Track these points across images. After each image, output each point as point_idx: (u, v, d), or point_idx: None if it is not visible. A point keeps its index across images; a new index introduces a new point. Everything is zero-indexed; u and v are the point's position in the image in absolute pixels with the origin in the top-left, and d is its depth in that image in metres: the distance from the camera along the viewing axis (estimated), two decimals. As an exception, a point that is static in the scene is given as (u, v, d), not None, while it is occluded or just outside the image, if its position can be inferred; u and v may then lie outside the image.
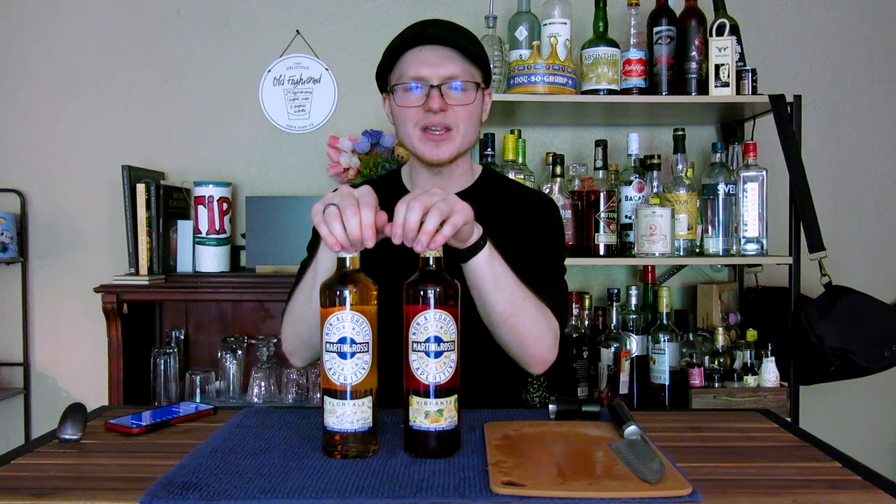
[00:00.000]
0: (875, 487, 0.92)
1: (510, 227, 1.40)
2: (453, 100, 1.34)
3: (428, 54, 1.33)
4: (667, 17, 2.20)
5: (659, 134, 2.52)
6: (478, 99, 1.39)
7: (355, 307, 1.02)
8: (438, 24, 1.41)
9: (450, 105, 1.34)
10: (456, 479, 0.94)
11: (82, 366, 2.53)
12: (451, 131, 1.36)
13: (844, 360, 2.06)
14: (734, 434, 1.19)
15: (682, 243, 2.18)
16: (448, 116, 1.34)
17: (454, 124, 1.35)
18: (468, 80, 1.35)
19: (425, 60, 1.33)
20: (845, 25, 2.57)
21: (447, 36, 1.34)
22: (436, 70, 1.33)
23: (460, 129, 1.36)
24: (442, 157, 1.37)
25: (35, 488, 0.92)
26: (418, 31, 1.37)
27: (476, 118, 1.40)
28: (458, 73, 1.34)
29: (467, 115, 1.36)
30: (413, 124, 1.36)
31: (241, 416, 1.27)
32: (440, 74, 1.33)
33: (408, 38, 1.36)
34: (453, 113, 1.35)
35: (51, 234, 2.55)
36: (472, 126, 1.39)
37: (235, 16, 2.55)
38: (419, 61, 1.33)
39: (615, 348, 2.15)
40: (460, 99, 1.35)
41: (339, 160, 2.32)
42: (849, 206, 2.58)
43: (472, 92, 1.36)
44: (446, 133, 1.36)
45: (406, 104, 1.36)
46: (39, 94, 2.55)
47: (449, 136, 1.36)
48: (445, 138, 1.36)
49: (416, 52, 1.34)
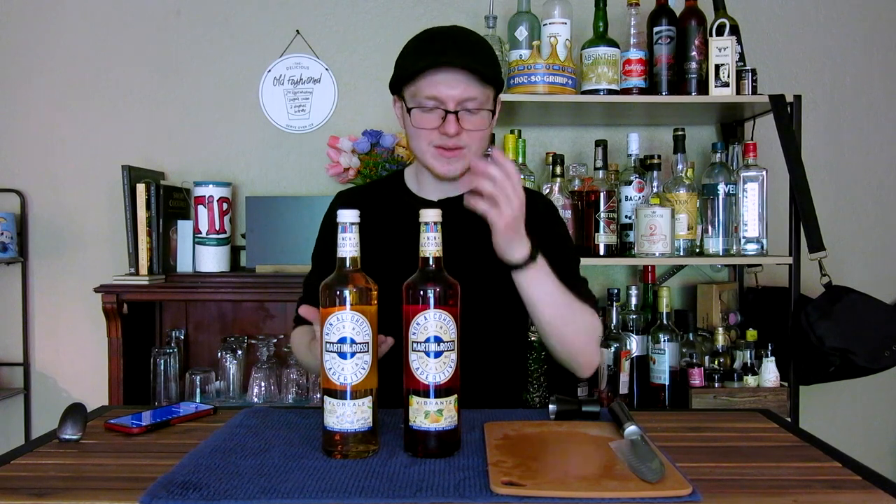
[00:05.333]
0: (875, 487, 0.92)
1: None
2: (468, 124, 1.36)
3: (448, 77, 1.34)
4: (667, 17, 2.20)
5: (659, 134, 2.52)
6: (490, 115, 1.40)
7: (355, 307, 1.02)
8: (457, 42, 1.38)
9: (464, 128, 1.36)
10: (456, 479, 0.94)
11: (82, 366, 2.53)
12: (463, 149, 1.38)
13: (844, 360, 2.06)
14: (734, 434, 1.19)
15: (682, 243, 2.18)
16: (461, 139, 1.37)
17: (466, 144, 1.38)
18: (483, 106, 1.37)
19: (444, 82, 1.34)
20: (845, 25, 2.57)
21: (467, 62, 1.34)
22: (453, 93, 1.34)
23: (472, 149, 1.39)
24: (454, 174, 1.41)
25: (35, 488, 0.92)
26: (439, 50, 1.35)
27: (487, 136, 1.43)
28: (474, 96, 1.35)
29: (480, 137, 1.39)
30: (427, 143, 1.39)
31: (241, 416, 1.27)
32: (456, 98, 1.34)
33: (429, 60, 1.34)
34: (467, 135, 1.37)
35: (51, 234, 2.55)
36: (483, 143, 1.42)
37: (235, 16, 2.55)
38: (438, 83, 1.34)
39: (615, 348, 2.15)
40: (475, 123, 1.37)
41: (339, 160, 2.32)
42: (849, 206, 2.58)
43: (486, 116, 1.38)
44: (458, 151, 1.38)
45: (422, 125, 1.38)
46: (39, 94, 2.55)
47: (460, 153, 1.39)
48: (457, 156, 1.39)
49: (434, 72, 1.34)
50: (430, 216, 1.05)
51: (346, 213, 1.05)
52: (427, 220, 1.05)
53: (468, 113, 1.35)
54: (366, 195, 1.56)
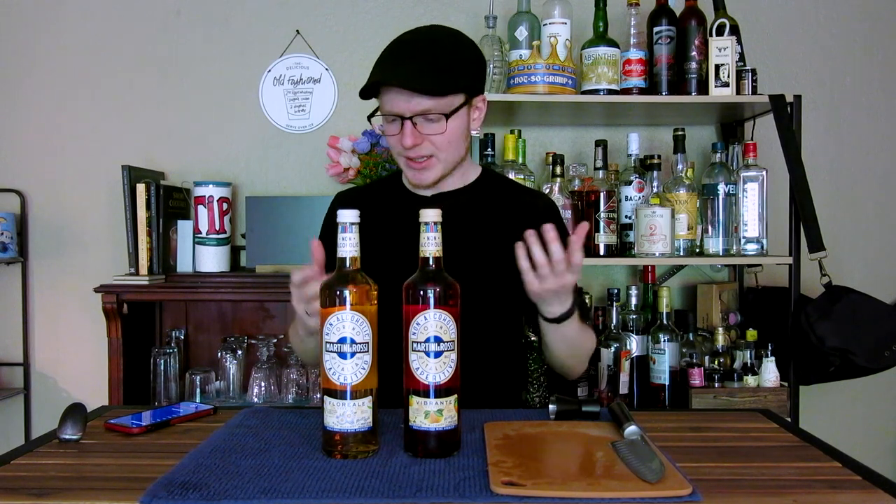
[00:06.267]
0: (875, 487, 0.92)
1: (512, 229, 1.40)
2: (428, 130, 1.36)
3: (398, 94, 1.34)
4: (667, 17, 2.20)
5: (659, 134, 2.52)
6: (458, 119, 1.38)
7: (355, 307, 1.02)
8: (412, 55, 1.36)
9: (425, 135, 1.36)
10: (456, 479, 0.94)
11: (82, 366, 2.53)
12: (433, 158, 1.39)
13: (844, 360, 2.06)
14: (734, 434, 1.19)
15: (682, 243, 2.18)
16: (425, 147, 1.37)
17: (434, 151, 1.38)
18: (440, 113, 1.35)
19: (396, 98, 1.34)
20: (845, 25, 2.57)
21: (411, 80, 1.32)
22: (406, 106, 1.34)
23: (441, 156, 1.39)
24: (426, 181, 1.42)
25: (35, 488, 0.92)
26: (390, 66, 1.35)
27: (458, 138, 1.40)
28: (429, 107, 1.34)
29: (446, 141, 1.38)
30: (397, 153, 1.42)
31: (241, 416, 1.27)
32: (411, 111, 1.34)
33: (381, 76, 1.34)
34: (430, 142, 1.37)
35: (51, 234, 2.55)
36: (456, 146, 1.41)
37: (235, 16, 2.55)
38: (392, 98, 1.35)
39: (615, 348, 2.15)
40: (434, 129, 1.36)
41: (339, 160, 2.32)
42: (849, 206, 2.58)
43: (443, 122, 1.35)
44: (428, 160, 1.39)
45: (388, 133, 1.40)
46: (39, 94, 2.55)
47: (430, 162, 1.39)
48: (427, 165, 1.40)
49: (387, 88, 1.35)
50: (430, 216, 1.05)
51: (346, 213, 1.05)
52: (427, 220, 1.05)
53: (427, 121, 1.35)
54: (365, 195, 1.57)
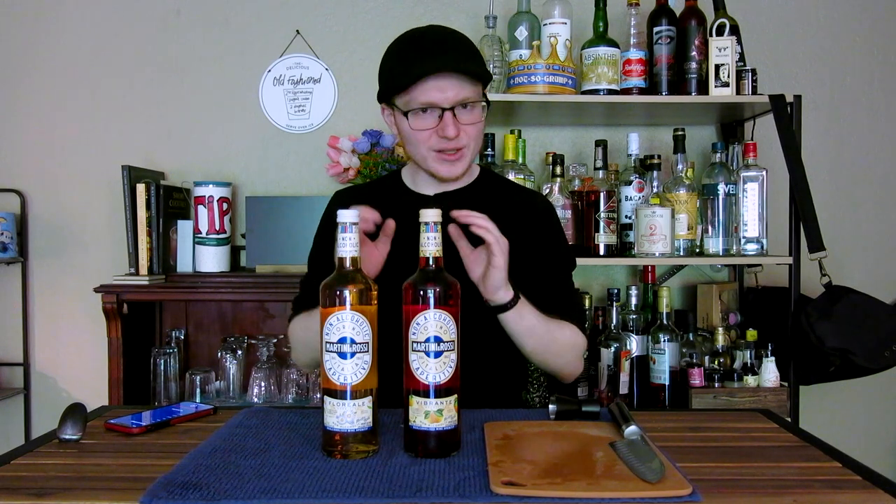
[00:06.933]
0: (875, 487, 0.92)
1: (510, 229, 1.40)
2: (466, 121, 1.38)
3: (439, 82, 1.34)
4: (667, 17, 2.20)
5: (659, 134, 2.52)
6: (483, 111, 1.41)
7: (355, 307, 1.02)
8: (442, 44, 1.38)
9: (462, 126, 1.37)
10: (456, 479, 0.94)
11: (82, 366, 2.53)
12: (463, 149, 1.41)
13: (844, 360, 2.06)
14: (734, 434, 1.19)
15: (682, 243, 2.18)
16: (461, 139, 1.38)
17: (466, 142, 1.40)
18: (477, 101, 1.38)
19: (436, 88, 1.34)
20: (845, 25, 2.57)
21: (458, 65, 1.35)
22: (447, 96, 1.35)
23: (471, 147, 1.42)
24: (456, 174, 1.43)
25: (35, 488, 0.92)
26: (427, 58, 1.35)
27: (482, 132, 1.45)
28: (468, 95, 1.36)
29: (477, 132, 1.41)
30: (427, 148, 1.40)
31: (241, 416, 1.27)
32: (451, 99, 1.35)
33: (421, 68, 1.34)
34: (465, 133, 1.38)
35: (51, 234, 2.55)
36: (480, 140, 1.45)
37: (235, 16, 2.55)
38: (430, 89, 1.34)
39: (615, 348, 2.15)
40: (472, 119, 1.38)
41: (339, 160, 2.32)
42: (849, 206, 2.58)
43: (479, 110, 1.39)
44: (459, 152, 1.41)
45: (420, 128, 1.38)
46: (39, 94, 2.55)
47: (461, 154, 1.41)
48: (458, 157, 1.41)
49: (426, 79, 1.34)
50: (430, 216, 1.05)
51: (345, 213, 1.05)
52: (427, 220, 1.05)
53: (463, 109, 1.37)
54: (364, 194, 1.56)
